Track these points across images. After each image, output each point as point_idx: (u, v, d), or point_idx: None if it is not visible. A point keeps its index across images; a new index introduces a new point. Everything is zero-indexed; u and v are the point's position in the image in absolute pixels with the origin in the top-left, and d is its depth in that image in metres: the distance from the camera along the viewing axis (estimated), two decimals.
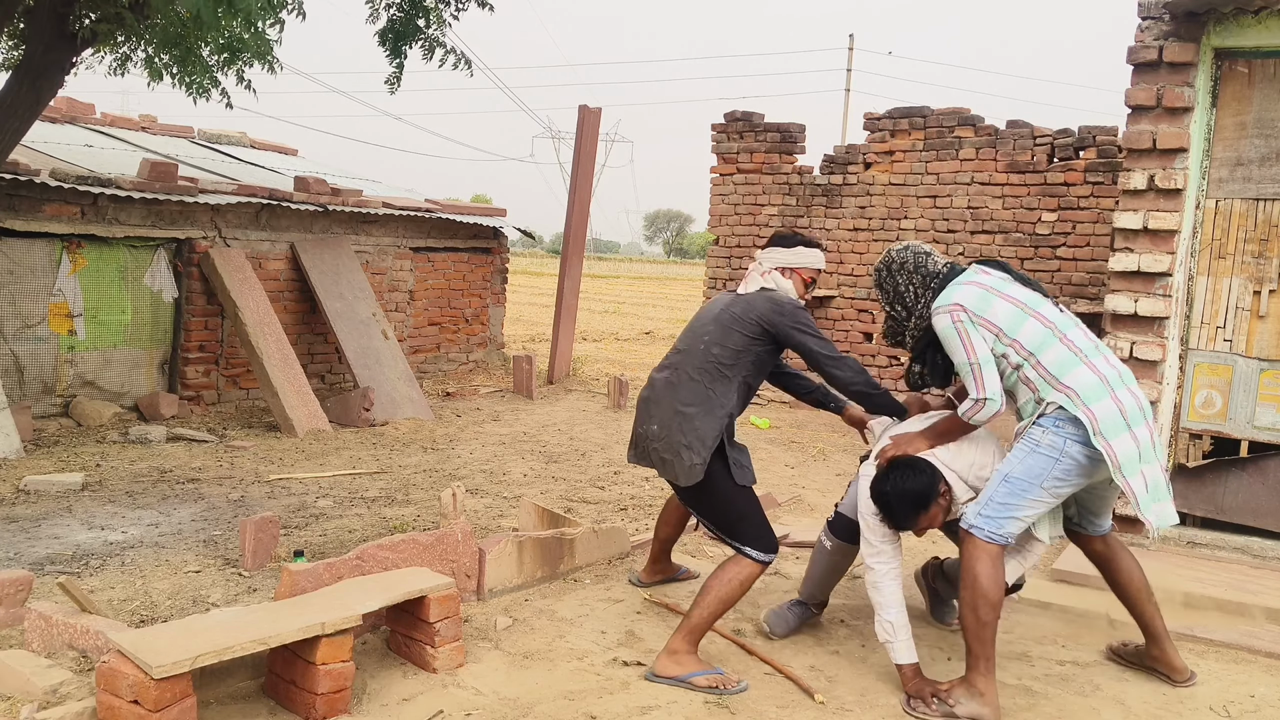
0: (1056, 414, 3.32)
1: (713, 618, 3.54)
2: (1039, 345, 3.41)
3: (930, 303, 3.55)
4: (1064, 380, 3.35)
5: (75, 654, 3.27)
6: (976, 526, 3.33)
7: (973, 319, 3.41)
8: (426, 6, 6.73)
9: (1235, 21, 5.16)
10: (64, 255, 7.26)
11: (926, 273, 3.63)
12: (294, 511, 5.42)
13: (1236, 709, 3.48)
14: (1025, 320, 3.42)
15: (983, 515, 3.33)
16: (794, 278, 3.83)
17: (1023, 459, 3.34)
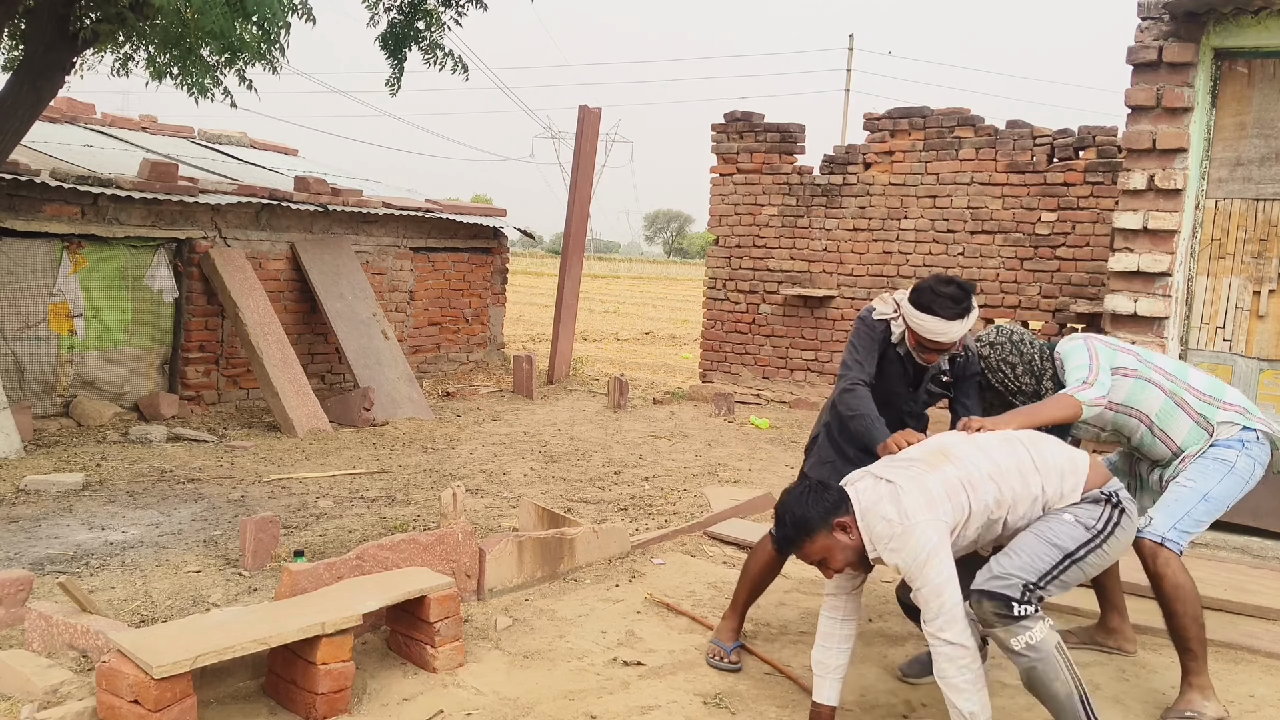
0: (1242, 435, 3.45)
1: (745, 591, 3.72)
2: (1181, 369, 3.58)
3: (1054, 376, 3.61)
4: (1225, 400, 3.51)
5: (76, 654, 3.27)
6: (1171, 540, 3.36)
7: (1104, 343, 3.54)
8: (426, 10, 6.74)
9: (1235, 21, 5.17)
10: (64, 255, 7.26)
11: (1036, 350, 3.67)
12: (294, 511, 5.42)
13: (1236, 709, 3.48)
14: (1157, 353, 3.62)
15: (1178, 529, 3.37)
16: (905, 329, 3.55)
17: (1220, 479, 3.41)
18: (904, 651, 3.84)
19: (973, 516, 2.91)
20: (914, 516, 2.81)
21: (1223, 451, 3.43)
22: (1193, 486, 3.41)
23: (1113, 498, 3.01)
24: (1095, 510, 2.98)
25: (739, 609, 3.73)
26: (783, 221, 9.61)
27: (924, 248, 8.87)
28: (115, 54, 6.16)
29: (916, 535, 2.79)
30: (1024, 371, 3.61)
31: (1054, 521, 2.96)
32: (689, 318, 21.35)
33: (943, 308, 3.34)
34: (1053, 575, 2.88)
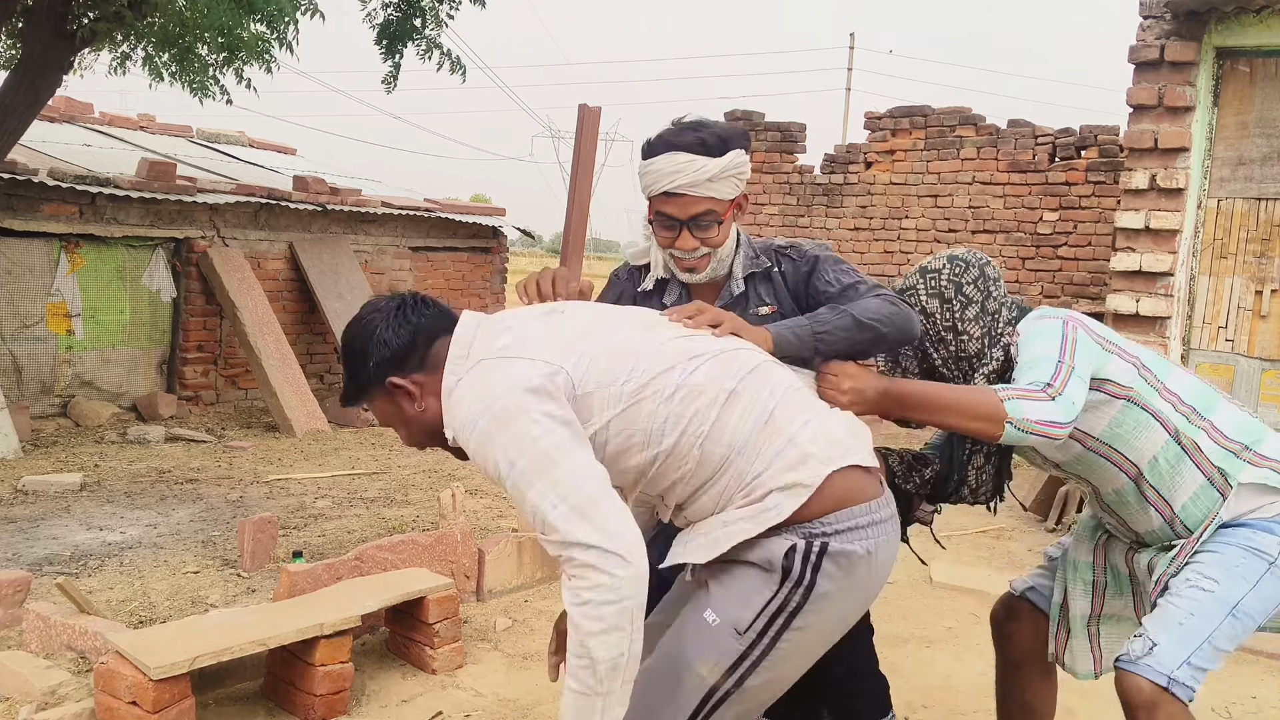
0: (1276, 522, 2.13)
1: None
2: (1204, 401, 2.21)
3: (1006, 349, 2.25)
4: (1262, 450, 2.18)
5: (74, 655, 3.25)
6: (1181, 681, 2.01)
7: (1092, 335, 2.18)
8: (423, 6, 6.72)
9: (1237, 21, 5.16)
10: (62, 255, 7.25)
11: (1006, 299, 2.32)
12: (293, 512, 5.40)
13: (1238, 710, 3.46)
14: (1172, 368, 2.26)
15: (1192, 665, 2.03)
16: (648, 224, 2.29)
17: (1257, 583, 2.09)
18: (905, 653, 3.83)
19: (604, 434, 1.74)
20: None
21: (1261, 538, 2.11)
22: (1215, 592, 2.08)
23: (798, 564, 1.71)
24: (760, 591, 1.73)
25: None
26: (783, 221, 9.59)
27: (925, 247, 8.86)
28: (113, 53, 6.15)
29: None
30: (975, 319, 2.24)
31: (688, 626, 1.79)
32: None
33: (680, 134, 2.11)
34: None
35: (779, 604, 1.71)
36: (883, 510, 1.80)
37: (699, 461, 1.75)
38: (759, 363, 1.85)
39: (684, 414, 1.73)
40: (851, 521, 1.73)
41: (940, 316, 2.24)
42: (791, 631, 1.72)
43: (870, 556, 1.75)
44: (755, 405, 1.77)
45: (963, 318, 2.24)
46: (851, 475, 1.76)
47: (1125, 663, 2.07)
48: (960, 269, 2.26)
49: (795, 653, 1.76)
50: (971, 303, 2.24)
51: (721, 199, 2.10)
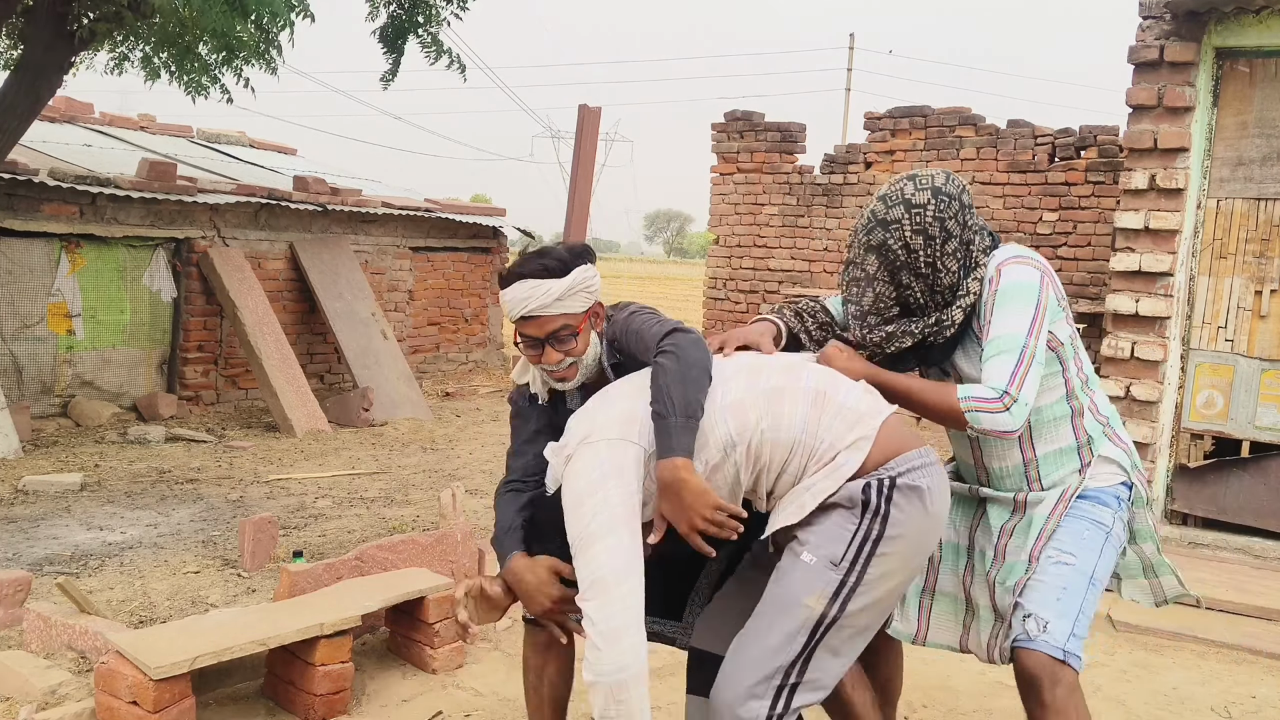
0: (1119, 489, 2.38)
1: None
2: (1093, 377, 2.44)
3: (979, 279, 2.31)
4: (1119, 432, 2.44)
5: (74, 655, 3.26)
6: (1074, 653, 2.20)
7: (1056, 291, 2.31)
8: (425, 4, 6.73)
9: (1236, 21, 5.16)
10: (62, 255, 7.25)
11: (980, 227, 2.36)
12: (293, 512, 5.40)
13: (1238, 710, 3.47)
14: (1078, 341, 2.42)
15: (1076, 636, 2.22)
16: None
17: (1101, 551, 2.32)
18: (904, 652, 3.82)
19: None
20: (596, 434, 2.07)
21: (1097, 510, 2.34)
22: (1074, 564, 2.27)
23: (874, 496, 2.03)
24: (844, 527, 2.03)
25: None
26: (783, 221, 9.59)
27: None
28: (111, 52, 6.16)
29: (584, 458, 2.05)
30: (954, 253, 2.28)
31: (788, 571, 2.05)
32: (689, 317, 21.34)
33: (524, 264, 2.28)
34: (802, 663, 2.01)
35: (864, 534, 2.01)
36: (929, 455, 2.11)
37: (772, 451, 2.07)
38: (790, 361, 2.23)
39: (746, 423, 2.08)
40: (908, 464, 2.05)
41: (923, 252, 2.28)
42: (878, 558, 2.01)
43: (930, 491, 2.06)
44: (800, 391, 2.10)
45: (943, 252, 2.28)
46: (894, 424, 2.11)
47: (1024, 642, 2.22)
48: (944, 204, 2.28)
49: (885, 577, 2.04)
50: (951, 237, 2.28)
51: (574, 313, 2.27)
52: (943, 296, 2.31)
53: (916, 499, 2.04)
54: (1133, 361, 5.36)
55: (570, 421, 2.19)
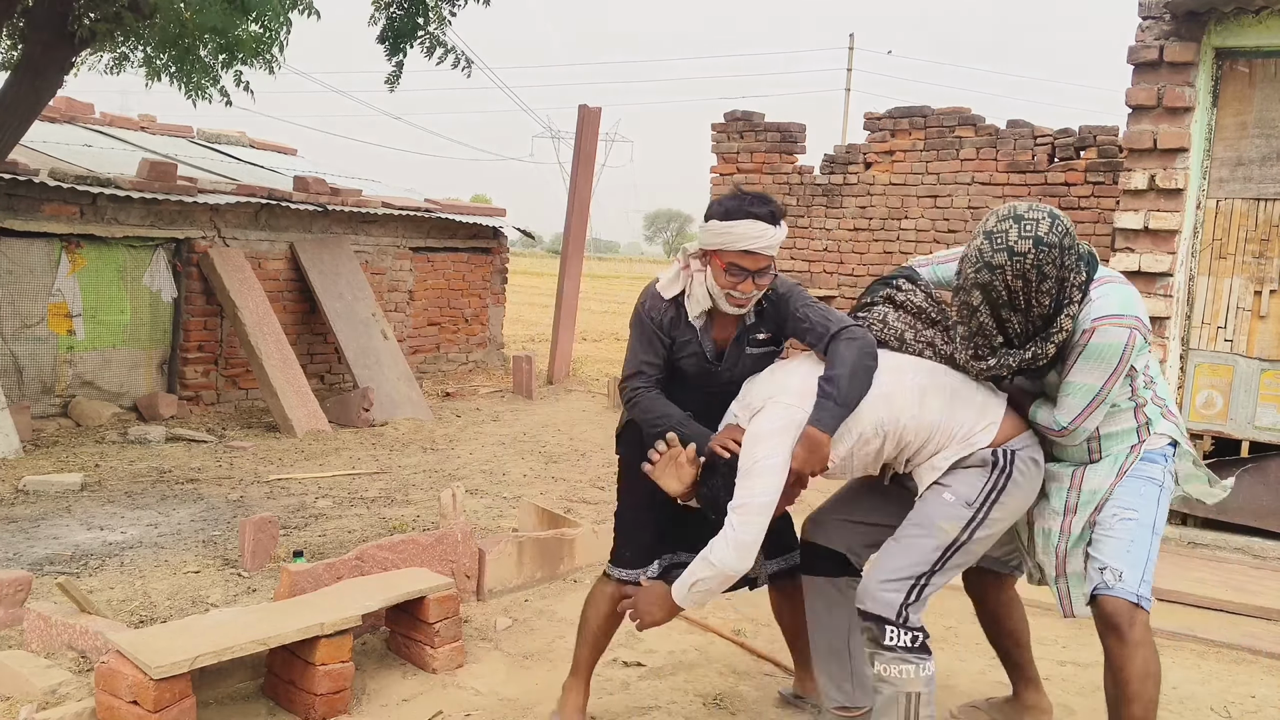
0: (1164, 449, 2.75)
1: (588, 651, 3.09)
2: (1156, 374, 2.81)
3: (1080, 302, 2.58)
4: (1172, 409, 2.82)
5: (74, 654, 3.26)
6: (1146, 598, 2.62)
7: (1144, 340, 2.65)
8: (426, 4, 6.73)
9: (1236, 21, 5.16)
10: (63, 255, 7.25)
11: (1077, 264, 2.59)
12: (293, 512, 5.41)
13: (1237, 709, 3.47)
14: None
15: (1147, 582, 2.63)
16: (712, 264, 2.82)
17: (1158, 504, 2.71)
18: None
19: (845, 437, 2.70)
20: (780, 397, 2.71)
21: (1150, 468, 2.72)
22: (1137, 518, 2.67)
23: (1002, 459, 2.67)
24: (979, 479, 2.68)
25: (583, 674, 3.10)
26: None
27: (925, 248, 8.86)
28: (112, 53, 6.16)
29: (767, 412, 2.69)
30: (1049, 292, 2.54)
31: (930, 504, 2.71)
32: None
33: (755, 206, 2.74)
34: (934, 571, 2.68)
35: (991, 485, 2.67)
36: (1034, 437, 2.77)
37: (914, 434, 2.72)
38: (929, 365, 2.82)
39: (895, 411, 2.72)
40: (1023, 443, 2.72)
41: (1022, 294, 2.56)
42: (997, 506, 2.68)
43: (1038, 464, 2.75)
44: (938, 388, 2.74)
45: (1039, 290, 2.55)
46: (1010, 412, 2.77)
47: (1104, 590, 2.65)
48: (1044, 253, 2.52)
49: (998, 519, 2.70)
50: (1048, 279, 2.54)
51: (773, 258, 2.83)
52: (1036, 326, 2.60)
53: (1032, 466, 2.72)
54: None
55: (754, 383, 2.83)
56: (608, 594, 3.03)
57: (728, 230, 2.74)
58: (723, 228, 2.75)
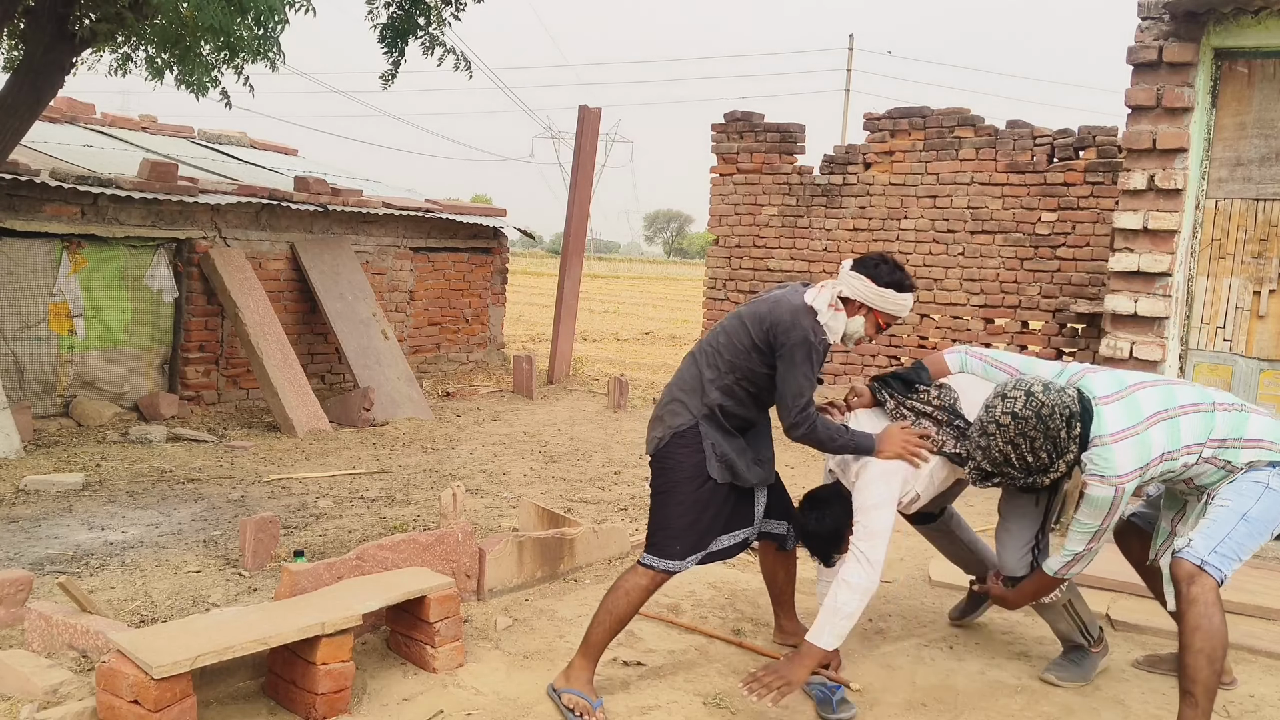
0: (1268, 465, 3.18)
1: (605, 633, 3.27)
2: (1202, 431, 3.20)
3: (1072, 460, 3.21)
4: (1247, 435, 3.20)
5: (75, 654, 3.27)
6: (1211, 564, 3.06)
7: (1135, 485, 3.18)
8: (427, 4, 6.73)
9: (1235, 21, 5.17)
10: (64, 255, 7.26)
11: (1063, 424, 3.16)
12: (294, 511, 5.42)
13: (1236, 709, 3.48)
14: (1177, 424, 3.19)
15: (1217, 553, 3.06)
16: (868, 316, 3.36)
17: (1259, 499, 3.13)
18: (901, 648, 3.84)
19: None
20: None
21: (1255, 474, 3.18)
22: (1229, 506, 3.14)
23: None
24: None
25: (595, 654, 3.29)
26: (783, 221, 9.60)
27: (924, 248, 8.87)
28: (114, 53, 6.16)
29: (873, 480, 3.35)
30: (1042, 446, 3.18)
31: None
32: (689, 318, 21.35)
33: (912, 283, 3.38)
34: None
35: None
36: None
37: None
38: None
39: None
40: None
41: (1014, 453, 3.20)
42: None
43: None
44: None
45: (1030, 449, 3.18)
46: None
47: (1174, 553, 3.16)
48: (1021, 424, 3.16)
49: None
50: (1035, 441, 3.16)
51: None
52: (1035, 470, 3.22)
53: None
54: (1131, 362, 5.37)
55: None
56: (643, 585, 3.27)
57: (902, 301, 3.32)
58: (898, 299, 3.32)
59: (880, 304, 3.31)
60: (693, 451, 3.26)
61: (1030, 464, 3.20)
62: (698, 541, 3.28)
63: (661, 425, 3.33)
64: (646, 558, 3.27)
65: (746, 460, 3.35)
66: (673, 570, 3.26)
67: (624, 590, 3.27)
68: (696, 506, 3.26)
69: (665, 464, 3.31)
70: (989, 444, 3.22)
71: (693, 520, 3.26)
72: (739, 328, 3.30)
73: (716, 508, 3.30)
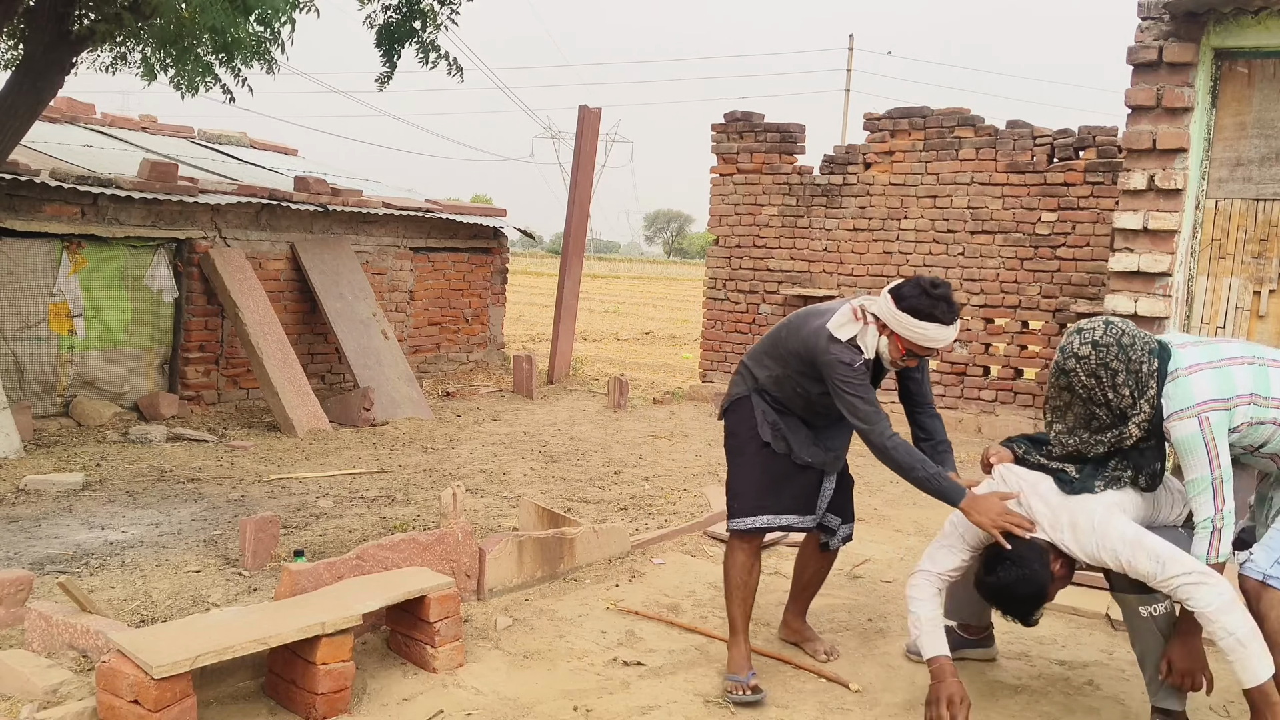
0: None
1: (737, 608, 3.48)
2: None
3: (1154, 398, 2.99)
4: None
5: (75, 654, 3.27)
6: (1274, 578, 3.00)
7: (1219, 406, 2.93)
8: (422, 9, 6.74)
9: (1235, 22, 5.17)
10: (64, 255, 7.26)
11: (1145, 356, 3.00)
12: (294, 511, 5.42)
13: (1236, 709, 3.48)
14: (1266, 371, 3.00)
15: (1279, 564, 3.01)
16: (891, 339, 3.31)
17: None
18: (901, 648, 3.84)
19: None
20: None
21: None
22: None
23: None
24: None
25: (740, 631, 3.49)
26: (783, 221, 9.61)
27: (924, 248, 8.87)
28: (111, 52, 6.16)
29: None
30: (1125, 380, 3.00)
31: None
32: (689, 318, 21.36)
33: (944, 314, 3.21)
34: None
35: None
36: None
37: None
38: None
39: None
40: None
41: (1096, 388, 3.03)
42: None
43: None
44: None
45: (1113, 385, 3.01)
46: None
47: (1240, 566, 3.08)
48: (1102, 353, 3.01)
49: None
50: (1117, 373, 3.00)
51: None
52: (1122, 414, 3.03)
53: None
54: None
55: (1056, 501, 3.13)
56: (745, 551, 3.47)
57: (919, 329, 3.21)
58: (914, 325, 3.21)
59: (895, 327, 3.25)
60: (747, 416, 3.52)
61: (1111, 402, 3.00)
62: (760, 501, 3.46)
63: (726, 395, 3.66)
64: (729, 524, 3.51)
65: (800, 437, 3.51)
66: (746, 529, 3.45)
67: (729, 568, 3.50)
68: (757, 467, 3.48)
69: (727, 428, 3.62)
70: (1069, 382, 3.04)
71: (755, 480, 3.47)
72: (794, 336, 3.45)
73: (778, 476, 3.47)
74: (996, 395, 8.50)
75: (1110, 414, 3.04)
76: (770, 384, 3.51)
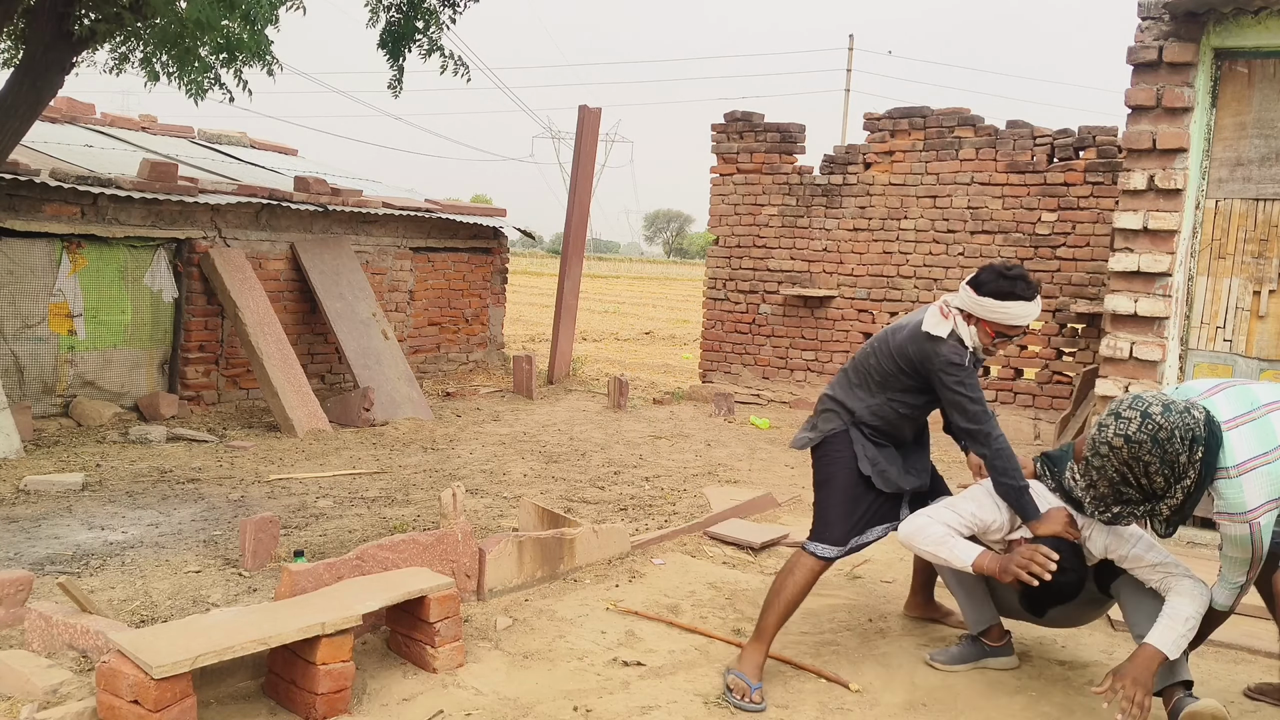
0: None
1: (775, 617, 3.48)
2: None
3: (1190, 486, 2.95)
4: None
5: (75, 654, 3.27)
6: None
7: (1273, 519, 2.95)
8: (425, 9, 6.73)
9: (1235, 22, 5.17)
10: (64, 255, 7.26)
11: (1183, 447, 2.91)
12: (294, 511, 5.42)
13: (1236, 709, 3.48)
14: None
15: None
16: (979, 326, 3.41)
17: None
18: (901, 648, 3.84)
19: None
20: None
21: None
22: None
23: None
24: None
25: (767, 638, 3.49)
26: (783, 221, 9.61)
27: (924, 248, 8.87)
28: (112, 53, 6.16)
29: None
30: (1158, 470, 2.94)
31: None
32: (689, 318, 21.36)
33: (1024, 290, 3.34)
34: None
35: None
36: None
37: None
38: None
39: None
40: None
41: (1130, 474, 2.98)
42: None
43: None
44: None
45: (1146, 474, 2.95)
46: None
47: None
48: (1134, 448, 2.93)
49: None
50: (1150, 465, 2.93)
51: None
52: (1154, 493, 2.99)
53: None
54: (1131, 362, 5.37)
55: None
56: (805, 569, 3.49)
57: (1005, 309, 3.32)
58: (999, 307, 3.31)
59: (981, 313, 3.36)
60: (844, 449, 3.56)
61: (1144, 487, 2.99)
62: (851, 531, 3.52)
63: (815, 429, 3.65)
64: (808, 544, 3.53)
65: (898, 468, 3.61)
66: (830, 557, 3.49)
67: (789, 576, 3.50)
68: (851, 499, 3.53)
69: (823, 459, 3.62)
70: (1103, 465, 3.02)
71: (847, 510, 3.52)
72: (886, 353, 3.54)
73: (869, 503, 3.55)
74: (996, 396, 8.50)
75: (1142, 494, 3.02)
76: (868, 415, 3.56)
